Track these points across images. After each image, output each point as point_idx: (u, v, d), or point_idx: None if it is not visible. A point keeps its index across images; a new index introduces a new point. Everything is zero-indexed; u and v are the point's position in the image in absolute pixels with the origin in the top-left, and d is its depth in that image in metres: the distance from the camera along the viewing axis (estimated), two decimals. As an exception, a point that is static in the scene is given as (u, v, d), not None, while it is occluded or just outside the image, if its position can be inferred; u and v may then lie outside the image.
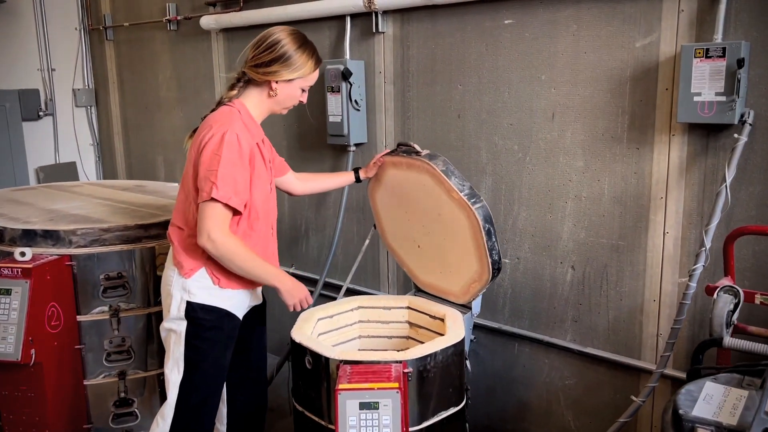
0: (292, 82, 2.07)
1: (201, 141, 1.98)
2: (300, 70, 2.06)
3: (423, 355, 2.11)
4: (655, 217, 2.36)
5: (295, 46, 2.04)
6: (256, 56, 2.04)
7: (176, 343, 2.07)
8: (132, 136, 4.93)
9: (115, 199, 2.98)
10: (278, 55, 2.02)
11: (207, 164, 1.93)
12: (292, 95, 2.12)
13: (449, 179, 2.24)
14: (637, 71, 2.33)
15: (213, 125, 1.98)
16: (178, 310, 2.05)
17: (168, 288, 2.08)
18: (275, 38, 2.04)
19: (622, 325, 2.51)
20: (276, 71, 2.02)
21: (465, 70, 2.80)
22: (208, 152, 1.93)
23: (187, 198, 2.07)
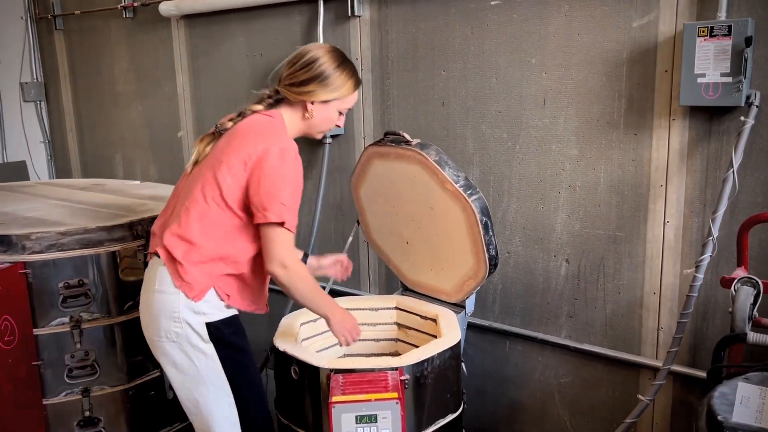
0: (329, 103, 1.94)
1: (250, 154, 1.79)
2: (338, 90, 1.92)
3: (420, 360, 1.96)
4: (655, 206, 2.25)
5: (334, 64, 1.91)
6: (292, 74, 1.91)
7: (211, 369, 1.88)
8: (87, 132, 4.64)
9: (73, 200, 2.74)
10: (316, 74, 1.89)
11: (269, 184, 1.78)
12: (328, 118, 1.97)
13: (443, 170, 2.09)
14: (634, 53, 2.21)
15: (263, 138, 1.82)
16: (199, 337, 1.85)
17: (173, 314, 1.83)
18: (312, 56, 1.91)
19: (621, 320, 2.40)
20: (312, 91, 1.89)
21: (449, 54, 2.65)
22: (269, 170, 1.78)
23: (207, 211, 1.83)
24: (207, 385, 1.91)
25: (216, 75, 3.61)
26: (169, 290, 1.85)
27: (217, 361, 1.89)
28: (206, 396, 1.92)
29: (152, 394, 2.44)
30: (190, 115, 3.82)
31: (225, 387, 1.92)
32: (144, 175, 4.24)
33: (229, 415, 1.94)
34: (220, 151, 1.87)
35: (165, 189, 2.97)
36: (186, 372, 1.90)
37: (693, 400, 2.28)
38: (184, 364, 1.89)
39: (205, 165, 1.88)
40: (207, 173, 1.85)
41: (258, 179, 1.78)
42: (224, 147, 1.87)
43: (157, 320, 1.87)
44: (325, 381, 1.93)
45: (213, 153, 1.89)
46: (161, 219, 1.97)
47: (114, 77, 4.28)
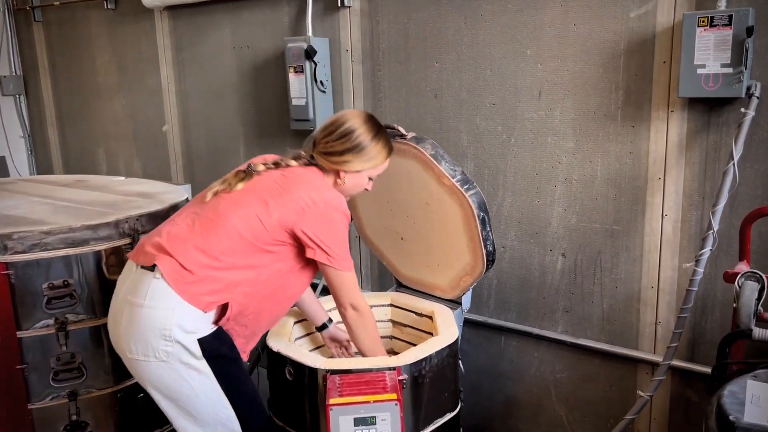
0: (362, 172, 1.96)
1: (307, 200, 1.82)
2: (372, 161, 1.95)
3: (417, 359, 1.92)
4: (653, 198, 2.22)
5: (370, 136, 1.93)
6: (329, 143, 1.92)
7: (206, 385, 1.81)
8: (68, 126, 4.53)
9: (55, 197, 2.65)
10: (352, 146, 1.91)
11: (334, 235, 1.85)
12: (358, 185, 1.99)
13: (439, 164, 2.04)
14: (631, 43, 2.18)
15: (322, 191, 1.86)
16: (192, 355, 1.77)
17: (163, 332, 1.74)
18: (349, 127, 1.92)
19: (618, 314, 2.37)
20: (347, 161, 1.92)
21: (442, 46, 2.59)
22: (332, 223, 1.85)
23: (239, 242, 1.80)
24: (203, 402, 1.83)
25: (201, 68, 3.53)
26: (161, 305, 1.75)
27: (211, 376, 1.81)
28: (203, 413, 1.84)
29: (141, 396, 2.36)
30: (175, 108, 3.74)
31: (222, 401, 1.84)
32: (128, 170, 4.15)
33: (231, 428, 1.88)
34: (264, 191, 1.85)
35: (151, 185, 2.89)
36: (178, 392, 1.82)
37: (691, 394, 2.27)
38: (175, 385, 1.80)
39: (246, 200, 1.84)
40: (248, 207, 1.82)
41: (318, 226, 1.83)
42: (271, 188, 1.85)
43: (144, 338, 1.76)
44: (321, 382, 1.89)
45: (251, 190, 1.86)
46: (166, 232, 1.85)
47: (96, 70, 4.17)
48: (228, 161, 3.54)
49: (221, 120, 3.52)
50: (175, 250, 1.78)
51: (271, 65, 3.19)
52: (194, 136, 3.70)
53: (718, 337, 2.16)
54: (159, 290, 1.76)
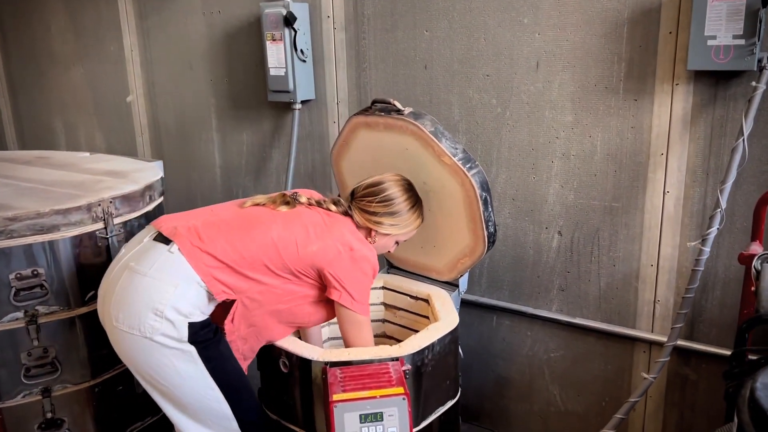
0: (392, 236, 1.98)
1: (347, 247, 1.83)
2: (405, 229, 1.97)
3: (420, 348, 1.83)
4: (655, 175, 2.16)
5: (408, 205, 1.96)
6: (370, 204, 1.93)
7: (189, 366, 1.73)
8: (21, 96, 4.24)
9: (17, 177, 2.45)
10: (391, 212, 1.94)
11: (361, 285, 1.85)
12: (385, 245, 2.01)
13: (440, 142, 1.92)
14: (635, 13, 2.08)
15: (360, 243, 1.87)
16: (178, 336, 1.69)
17: (156, 306, 1.67)
18: (391, 194, 1.94)
19: (615, 293, 2.32)
20: (381, 223, 1.94)
21: (432, 12, 2.45)
22: (360, 273, 1.85)
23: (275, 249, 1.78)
24: (189, 384, 1.75)
25: (169, 35, 3.31)
26: (165, 280, 1.68)
27: (196, 356, 1.73)
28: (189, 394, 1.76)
29: (120, 389, 2.24)
30: (140, 78, 3.51)
31: (209, 382, 1.76)
32: (89, 144, 3.91)
33: (220, 408, 1.79)
34: (309, 221, 1.85)
35: (120, 162, 2.69)
36: (159, 372, 1.73)
37: (689, 372, 2.24)
38: (156, 364, 1.72)
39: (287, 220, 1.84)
40: (293, 232, 1.81)
41: (349, 271, 1.83)
42: (317, 222, 1.86)
43: (135, 308, 1.68)
44: (320, 375, 1.78)
45: (297, 216, 1.86)
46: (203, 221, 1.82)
47: (50, 36, 3.89)
48: (199, 134, 3.35)
49: (191, 91, 3.32)
50: (206, 237, 1.75)
51: (246, 32, 3.00)
52: (161, 107, 3.48)
53: (718, 316, 2.14)
54: (167, 264, 1.70)
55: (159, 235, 1.76)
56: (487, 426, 2.75)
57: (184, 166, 3.46)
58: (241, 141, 3.19)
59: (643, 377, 2.06)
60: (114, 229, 2.14)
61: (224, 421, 1.81)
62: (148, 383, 1.78)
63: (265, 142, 3.09)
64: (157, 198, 2.39)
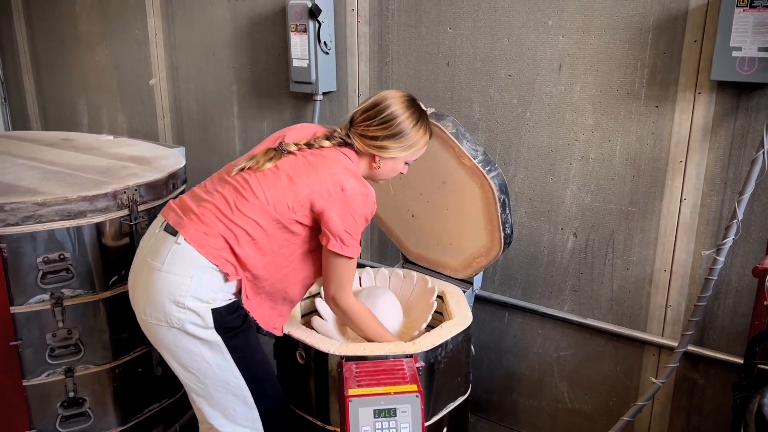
0: (399, 158, 1.87)
1: (335, 186, 1.74)
2: (412, 148, 1.85)
3: (434, 345, 1.87)
4: (672, 182, 2.17)
5: (412, 123, 1.82)
6: (369, 127, 1.82)
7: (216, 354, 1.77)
8: (45, 74, 4.29)
9: (43, 160, 2.50)
10: (393, 133, 1.81)
11: (352, 223, 1.76)
12: (393, 169, 1.90)
13: (460, 143, 1.94)
14: (661, 20, 2.08)
15: (349, 176, 1.76)
16: (203, 324, 1.72)
17: (177, 298, 1.69)
18: (391, 113, 1.81)
19: (628, 296, 2.35)
20: (386, 147, 1.83)
21: (457, 10, 2.46)
22: (353, 211, 1.75)
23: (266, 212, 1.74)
24: (214, 371, 1.79)
25: (192, 20, 3.33)
26: (181, 271, 1.70)
27: (222, 345, 1.77)
28: (213, 381, 1.81)
29: (140, 371, 2.30)
30: (164, 62, 3.54)
31: (233, 371, 1.80)
32: (112, 125, 3.97)
33: (243, 396, 1.84)
34: (299, 170, 1.77)
35: (144, 148, 2.74)
36: (188, 359, 1.78)
37: (697, 377, 2.27)
38: (184, 353, 1.77)
39: (275, 178, 1.76)
40: (277, 186, 1.75)
41: (340, 214, 1.74)
42: (305, 169, 1.77)
43: (158, 302, 1.72)
44: (335, 368, 1.83)
45: (283, 169, 1.77)
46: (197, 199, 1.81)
47: (75, 15, 3.93)
48: (220, 119, 3.39)
49: (213, 76, 3.35)
50: (203, 217, 1.74)
51: (270, 21, 3.02)
52: (183, 91, 3.52)
53: (729, 324, 2.17)
54: (178, 256, 1.72)
55: (168, 225, 1.79)
56: (494, 419, 2.80)
57: (205, 150, 3.50)
58: (261, 129, 3.22)
59: (651, 381, 2.09)
60: (138, 216, 2.18)
61: (246, 411, 1.84)
62: (177, 369, 1.82)
63: (286, 131, 3.12)
64: (180, 186, 2.44)
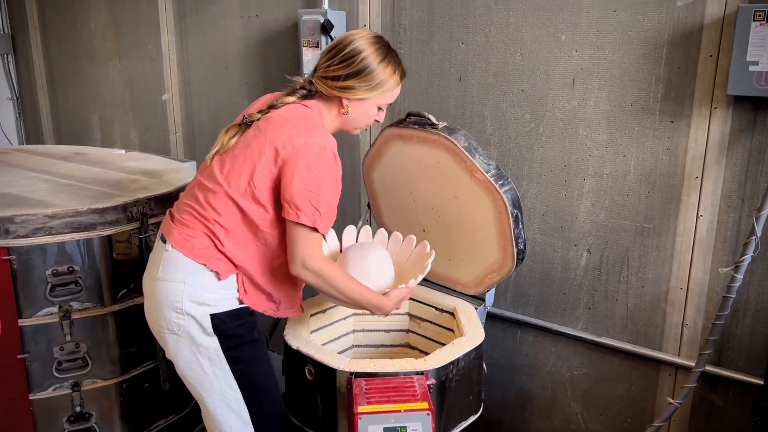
0: (367, 100, 1.75)
1: (285, 145, 1.62)
2: (380, 88, 1.73)
3: (446, 363, 1.84)
4: (688, 198, 2.14)
5: (378, 59, 1.71)
6: (330, 67, 1.71)
7: (214, 363, 1.74)
8: (60, 90, 4.33)
9: (55, 173, 2.51)
10: (357, 70, 1.70)
11: (304, 182, 1.62)
12: (365, 114, 1.79)
13: (473, 157, 1.93)
14: (676, 34, 2.06)
15: (300, 131, 1.63)
16: (202, 329, 1.71)
17: (175, 305, 1.69)
18: (355, 48, 1.70)
19: (643, 314, 2.30)
20: (351, 87, 1.71)
21: (469, 26, 2.46)
22: (304, 167, 1.62)
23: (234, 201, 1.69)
24: (211, 381, 1.77)
25: (206, 36, 3.35)
26: (174, 278, 1.71)
27: (221, 354, 1.75)
28: (211, 391, 1.78)
29: (147, 386, 2.28)
30: (176, 77, 3.56)
31: (231, 383, 1.78)
32: (124, 139, 3.98)
33: (238, 411, 1.80)
34: (250, 140, 1.70)
35: (155, 161, 2.74)
36: (188, 366, 1.77)
37: (715, 398, 2.22)
38: (186, 360, 1.76)
39: (233, 156, 1.71)
40: (235, 164, 1.69)
41: (292, 175, 1.62)
42: (255, 136, 1.70)
43: (161, 310, 1.73)
44: (344, 385, 1.80)
45: (240, 144, 1.72)
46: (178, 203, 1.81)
47: (90, 32, 3.96)
48: (232, 135, 3.39)
49: (225, 91, 3.36)
50: (183, 220, 1.73)
51: (282, 37, 3.02)
52: (196, 106, 3.53)
53: (748, 343, 2.12)
54: (169, 263, 1.72)
55: (161, 234, 1.79)
56: (506, 440, 2.75)
57: (216, 165, 3.50)
58: (272, 144, 3.21)
59: (668, 402, 2.05)
60: (148, 229, 2.18)
61: (241, 427, 1.81)
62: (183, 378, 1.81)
63: (297, 146, 3.12)
64: (190, 199, 2.43)
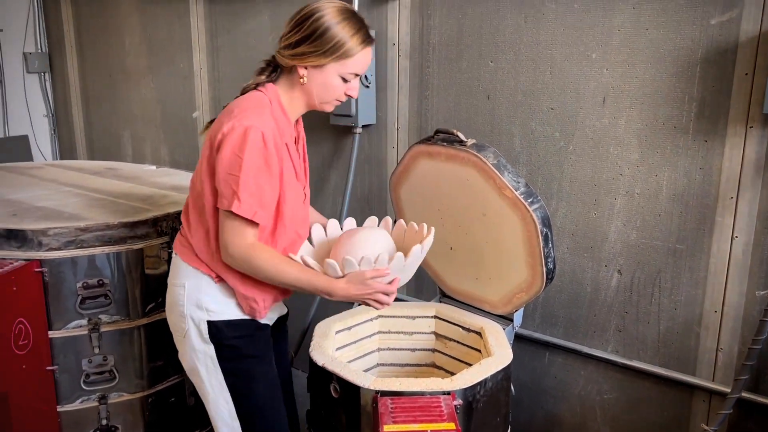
0: (325, 67, 1.60)
1: (218, 132, 1.57)
2: (334, 53, 1.57)
3: (473, 383, 1.81)
4: (723, 219, 2.09)
5: (333, 21, 1.56)
6: (285, 35, 1.62)
7: (210, 372, 1.74)
8: (93, 107, 4.42)
9: (87, 187, 2.55)
10: (308, 33, 1.56)
11: (227, 166, 1.54)
12: (327, 85, 1.63)
13: (502, 175, 1.91)
14: (710, 53, 2.03)
15: (235, 115, 1.56)
16: (200, 335, 1.71)
17: (179, 309, 1.72)
18: (310, 10, 1.58)
19: (675, 337, 2.25)
20: (303, 54, 1.57)
21: (498, 44, 2.45)
22: (228, 150, 1.54)
23: (198, 198, 1.69)
24: (208, 390, 1.77)
25: (237, 55, 3.40)
26: (176, 282, 1.75)
27: (216, 364, 1.74)
28: (208, 400, 1.79)
29: (172, 400, 2.28)
30: (207, 95, 3.62)
31: (225, 395, 1.77)
32: (154, 156, 4.04)
33: (232, 425, 1.80)
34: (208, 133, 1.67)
35: (185, 177, 2.78)
36: (190, 371, 1.80)
37: (752, 426, 2.14)
38: (188, 363, 1.78)
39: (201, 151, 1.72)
40: (200, 159, 1.68)
41: (218, 162, 1.55)
42: (211, 128, 1.66)
43: (170, 313, 1.79)
44: (370, 403, 1.78)
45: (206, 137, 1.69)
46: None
47: (124, 50, 4.05)
48: (260, 153, 3.42)
49: (255, 109, 3.39)
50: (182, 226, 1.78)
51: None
52: (225, 124, 3.57)
53: None
54: (174, 269, 1.78)
55: None
56: (533, 464, 2.69)
57: (244, 182, 3.53)
58: (300, 161, 3.23)
59: (702, 428, 1.99)
60: (177, 243, 2.19)
61: None
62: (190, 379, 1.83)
63: (324, 164, 3.13)
64: (219, 215, 2.45)
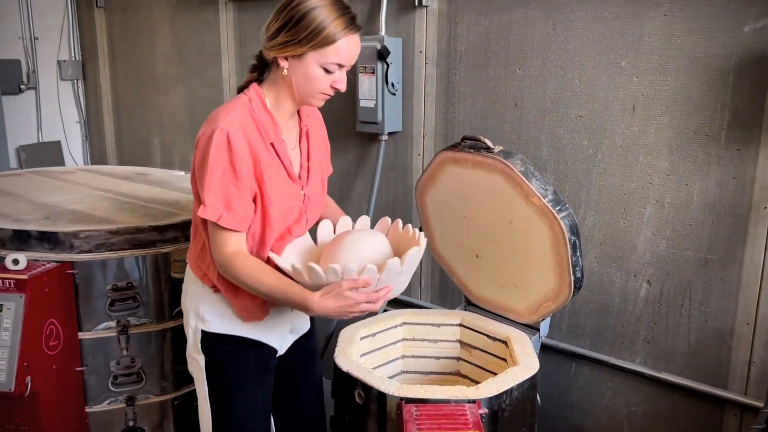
0: (304, 57, 1.48)
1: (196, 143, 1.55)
2: (312, 40, 1.45)
3: (498, 392, 1.79)
4: (756, 229, 2.05)
5: (311, 6, 1.45)
6: (267, 25, 1.55)
7: (199, 381, 1.78)
8: (124, 114, 4.50)
9: (117, 192, 2.59)
10: (285, 21, 1.46)
11: (197, 170, 1.51)
12: (308, 76, 1.50)
13: (529, 182, 1.89)
14: (744, 60, 2.00)
15: (210, 119, 1.52)
16: (195, 344, 1.73)
17: (185, 314, 1.77)
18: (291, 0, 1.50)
19: (706, 350, 2.20)
20: (281, 44, 1.47)
21: (526, 52, 2.44)
22: (198, 155, 1.51)
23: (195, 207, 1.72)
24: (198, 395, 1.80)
25: (265, 62, 3.44)
26: (185, 288, 1.79)
27: (204, 374, 1.74)
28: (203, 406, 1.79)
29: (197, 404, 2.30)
30: (235, 102, 3.65)
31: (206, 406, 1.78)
32: (183, 163, 4.10)
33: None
34: None
35: (213, 183, 2.81)
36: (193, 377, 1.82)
37: (786, 442, 2.09)
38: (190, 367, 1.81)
39: None
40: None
41: (192, 166, 1.54)
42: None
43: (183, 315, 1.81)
44: (394, 410, 1.77)
45: None
46: None
47: (156, 59, 4.12)
48: (287, 159, 3.44)
49: (282, 117, 3.42)
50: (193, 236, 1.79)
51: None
52: (253, 131, 3.61)
53: None
54: (186, 275, 1.80)
55: None
56: (558, 476, 2.65)
57: (270, 189, 3.56)
58: (326, 168, 3.25)
59: (734, 443, 1.94)
60: (204, 248, 2.22)
61: None
62: None
63: (350, 171, 3.14)
64: (246, 220, 2.47)
